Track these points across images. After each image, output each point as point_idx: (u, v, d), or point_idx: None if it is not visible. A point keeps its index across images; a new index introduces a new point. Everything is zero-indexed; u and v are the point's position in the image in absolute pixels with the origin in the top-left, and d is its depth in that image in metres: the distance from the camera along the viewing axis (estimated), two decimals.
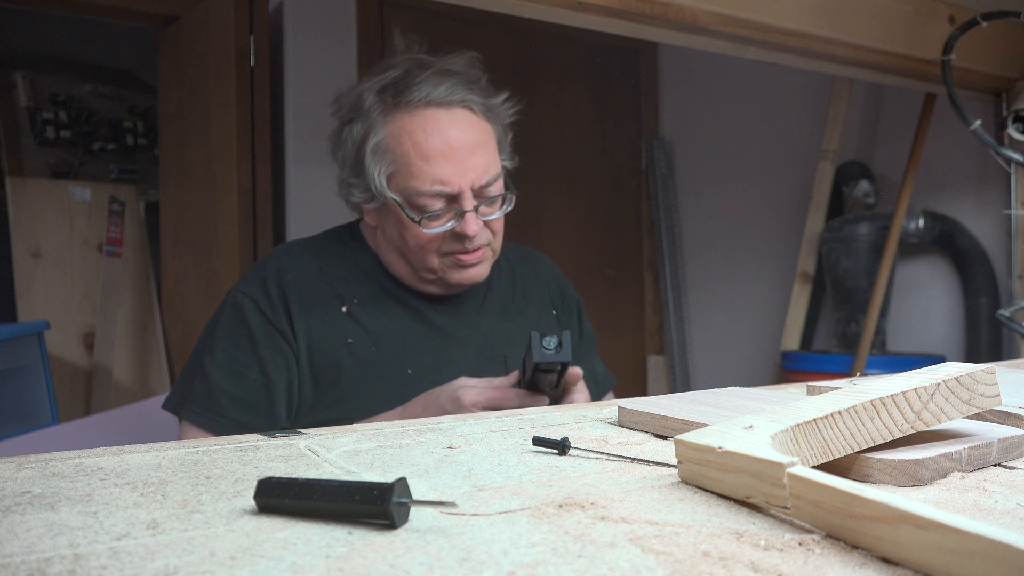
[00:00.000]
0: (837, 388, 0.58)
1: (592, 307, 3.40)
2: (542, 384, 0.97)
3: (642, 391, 3.38)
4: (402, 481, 0.40)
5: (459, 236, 1.08)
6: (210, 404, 1.05)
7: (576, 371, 1.00)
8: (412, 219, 1.07)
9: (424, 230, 1.07)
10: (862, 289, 2.36)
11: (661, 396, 0.76)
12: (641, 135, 3.44)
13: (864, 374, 1.52)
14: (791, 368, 2.46)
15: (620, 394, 1.39)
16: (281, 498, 0.41)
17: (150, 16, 2.77)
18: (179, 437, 1.08)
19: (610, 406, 0.82)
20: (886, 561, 0.34)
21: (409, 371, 1.10)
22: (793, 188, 2.81)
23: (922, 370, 0.55)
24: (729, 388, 0.79)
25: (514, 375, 1.00)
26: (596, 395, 1.32)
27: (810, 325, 2.69)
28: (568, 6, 1.29)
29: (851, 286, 2.40)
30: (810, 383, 0.80)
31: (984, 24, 1.62)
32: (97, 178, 3.47)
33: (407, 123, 1.06)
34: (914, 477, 0.48)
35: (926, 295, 2.46)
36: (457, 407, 0.97)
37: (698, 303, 3.34)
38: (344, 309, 1.11)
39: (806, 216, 2.64)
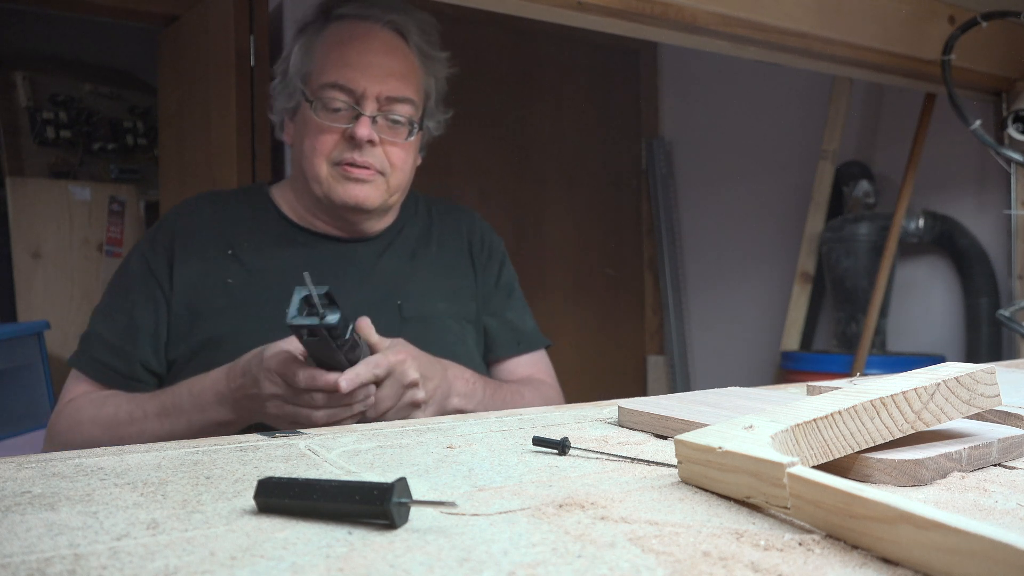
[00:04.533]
0: (837, 388, 0.58)
1: (592, 307, 3.43)
2: (316, 349, 0.85)
3: (642, 391, 3.38)
4: (402, 481, 0.40)
5: (350, 142, 1.10)
6: (85, 348, 1.13)
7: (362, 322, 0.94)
8: (312, 109, 1.10)
9: (318, 119, 1.10)
10: (862, 289, 2.36)
11: (661, 396, 0.76)
12: (641, 135, 3.44)
13: (864, 374, 1.52)
14: (791, 368, 2.46)
15: (620, 394, 1.38)
16: (281, 498, 0.41)
17: (150, 16, 2.77)
18: (64, 386, 1.15)
19: (610, 406, 0.82)
20: (886, 561, 0.34)
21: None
22: (793, 188, 2.81)
23: (922, 370, 0.55)
24: (729, 388, 0.79)
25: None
26: (513, 348, 1.27)
27: (810, 325, 2.69)
28: (568, 6, 1.29)
29: (851, 286, 2.39)
30: (810, 383, 0.79)
31: (984, 24, 1.61)
32: (97, 178, 3.47)
33: (335, 29, 1.14)
34: (914, 477, 0.48)
35: (926, 295, 2.46)
36: (262, 394, 0.90)
37: (698, 303, 3.34)
38: (230, 251, 1.15)
39: (806, 216, 2.64)
